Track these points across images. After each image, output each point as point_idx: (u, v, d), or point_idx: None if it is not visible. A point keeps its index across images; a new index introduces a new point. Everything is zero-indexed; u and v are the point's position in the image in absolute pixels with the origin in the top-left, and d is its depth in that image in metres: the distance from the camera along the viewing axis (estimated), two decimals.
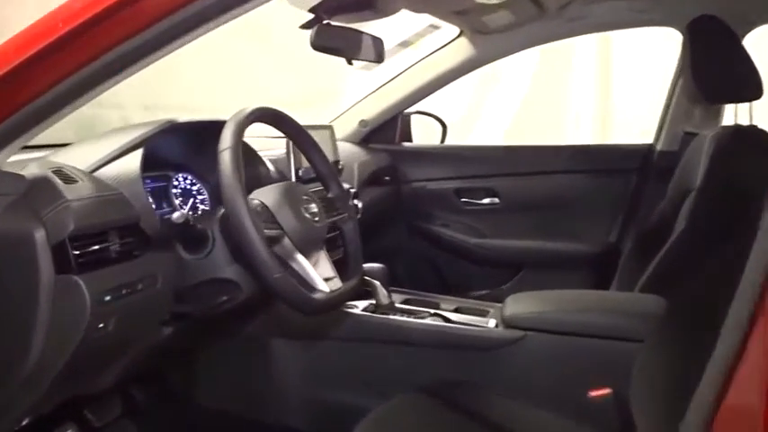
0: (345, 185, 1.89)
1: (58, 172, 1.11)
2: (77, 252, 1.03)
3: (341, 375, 1.65)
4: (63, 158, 1.19)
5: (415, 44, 2.72)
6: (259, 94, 3.05)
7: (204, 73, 3.04)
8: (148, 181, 1.43)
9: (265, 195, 1.25)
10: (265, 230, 1.17)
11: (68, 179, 1.10)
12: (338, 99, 2.68)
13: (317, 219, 1.30)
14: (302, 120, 1.45)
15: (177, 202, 1.47)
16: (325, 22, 1.54)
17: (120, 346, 1.17)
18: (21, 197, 1.03)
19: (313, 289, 1.24)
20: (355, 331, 1.64)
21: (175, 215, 1.12)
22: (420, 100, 2.48)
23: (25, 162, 1.17)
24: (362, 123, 2.50)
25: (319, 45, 1.52)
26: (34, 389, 1.05)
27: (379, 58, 1.76)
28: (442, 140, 2.74)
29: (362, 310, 1.69)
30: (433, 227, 2.53)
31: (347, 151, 2.28)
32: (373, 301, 1.70)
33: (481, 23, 2.05)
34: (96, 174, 1.16)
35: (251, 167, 1.54)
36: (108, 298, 1.06)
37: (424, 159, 2.59)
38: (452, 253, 2.51)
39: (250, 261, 1.12)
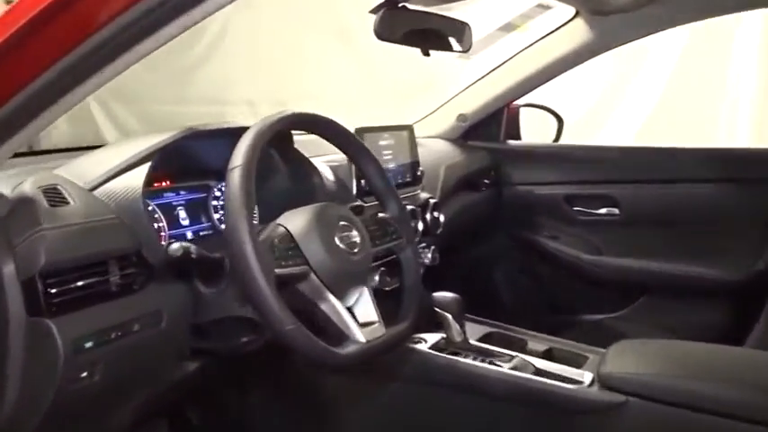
0: (424, 195, 1.65)
1: (51, 190, 0.96)
2: (55, 290, 0.87)
3: (399, 421, 1.41)
4: (71, 170, 1.04)
5: (522, 27, 2.37)
6: (373, 86, 2.85)
7: (331, 65, 2.88)
8: (183, 193, 1.26)
9: (292, 221, 1.04)
10: (286, 266, 0.96)
11: (57, 200, 0.94)
12: (438, 90, 2.41)
13: (355, 250, 1.06)
14: (400, 115, 1.22)
15: (216, 216, 1.30)
16: (400, 4, 1.30)
17: (120, 390, 1.01)
18: (2, 220, 0.89)
19: (344, 338, 1.01)
20: (419, 372, 1.40)
21: (173, 247, 0.93)
22: (529, 91, 2.15)
23: (33, 170, 1.04)
24: (461, 118, 2.22)
25: (384, 33, 1.27)
26: None
27: (464, 47, 1.48)
28: (557, 138, 2.39)
29: (430, 347, 1.43)
30: (539, 238, 2.20)
31: (438, 151, 2.02)
32: (444, 335, 1.44)
33: (599, 2, 1.69)
34: (97, 191, 1.00)
35: (299, 179, 1.33)
36: (89, 344, 0.90)
37: (532, 160, 2.26)
38: (560, 269, 2.17)
39: (255, 307, 0.91)
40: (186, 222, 1.25)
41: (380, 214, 1.22)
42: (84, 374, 0.91)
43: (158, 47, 0.78)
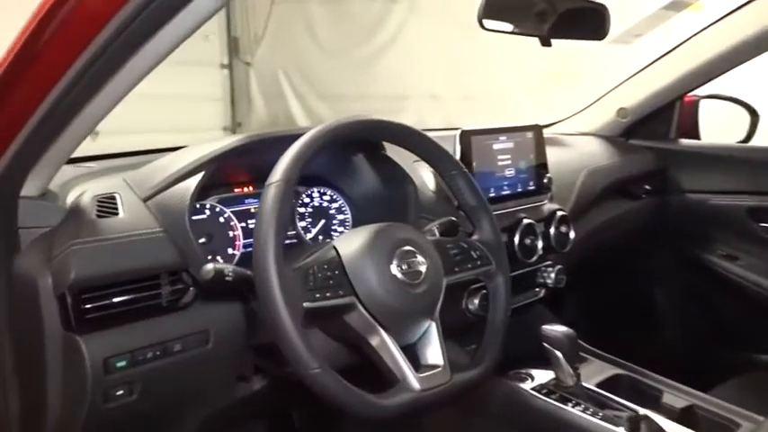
0: (551, 206, 1.43)
1: (106, 200, 0.95)
2: (89, 306, 0.85)
3: None
4: (137, 176, 1.02)
5: (696, 6, 1.97)
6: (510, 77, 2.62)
7: (515, 60, 2.72)
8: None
9: (345, 243, 0.91)
10: (327, 296, 0.84)
11: (107, 211, 0.92)
12: (589, 80, 2.11)
13: (417, 280, 0.91)
14: (540, 110, 1.05)
15: (302, 225, 1.22)
16: None
17: (167, 409, 0.98)
18: (50, 231, 0.89)
19: (394, 383, 0.87)
20: (514, 413, 1.21)
21: (205, 268, 0.86)
22: (706, 81, 1.79)
23: (107, 173, 1.04)
24: (622, 113, 1.92)
25: (490, 20, 1.09)
26: None
27: (599, 35, 1.23)
28: (749, 137, 1.97)
29: (535, 388, 1.23)
30: (712, 258, 1.84)
31: (587, 152, 1.76)
32: (554, 374, 1.23)
33: None
34: (150, 202, 0.97)
35: (391, 188, 1.20)
36: (122, 363, 0.87)
37: (711, 163, 1.89)
38: (739, 297, 1.79)
39: (278, 343, 0.81)
40: None
41: (473, 237, 1.05)
42: (121, 392, 0.88)
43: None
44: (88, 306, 0.85)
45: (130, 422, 0.94)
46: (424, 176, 1.29)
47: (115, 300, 0.87)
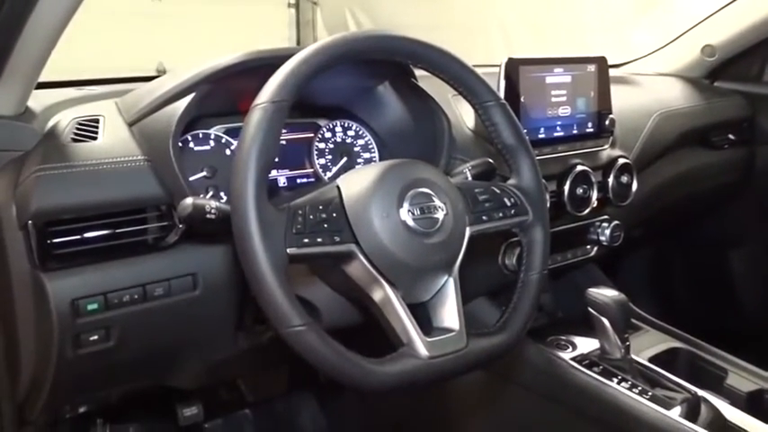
0: (612, 152, 1.25)
1: (87, 123, 0.84)
2: (57, 240, 0.76)
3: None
4: (128, 99, 0.91)
5: None
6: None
7: None
8: (283, 131, 1.07)
9: (350, 182, 0.78)
10: (318, 242, 0.71)
11: (85, 135, 0.82)
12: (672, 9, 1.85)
13: (432, 228, 0.77)
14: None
15: (321, 162, 1.09)
16: None
17: (154, 357, 0.88)
18: (23, 156, 0.80)
19: (398, 348, 0.74)
20: (552, 387, 1.06)
21: (184, 203, 0.74)
22: None
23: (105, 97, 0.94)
24: (708, 51, 1.67)
25: None
26: (35, 404, 0.85)
27: None
28: None
29: (575, 358, 1.08)
30: None
31: (662, 94, 1.53)
32: (598, 344, 1.07)
33: None
34: (136, 126, 0.85)
35: (421, 122, 1.05)
36: (93, 306, 0.77)
37: None
38: None
39: (255, 295, 0.69)
40: (282, 166, 1.06)
41: (509, 181, 0.89)
42: (95, 338, 0.79)
43: None
44: (56, 240, 0.75)
45: (114, 371, 0.85)
46: (462, 112, 1.13)
47: (88, 235, 0.77)
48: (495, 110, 0.87)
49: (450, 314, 0.79)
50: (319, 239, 0.71)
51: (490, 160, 0.98)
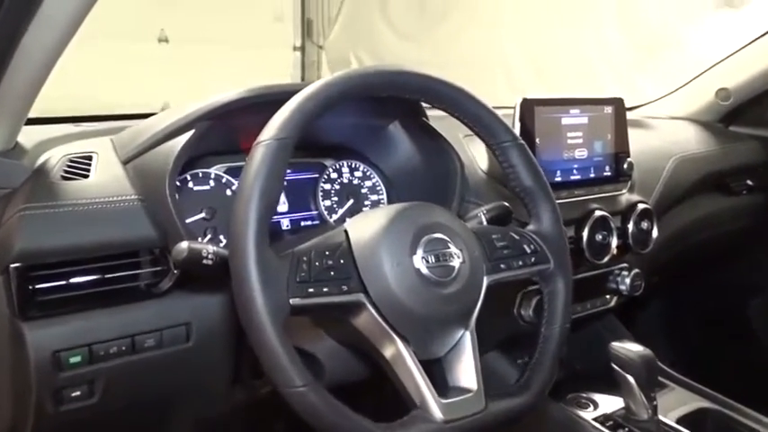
0: (631, 197, 1.19)
1: (79, 160, 0.79)
2: (40, 286, 0.69)
3: None
4: (123, 137, 0.86)
5: None
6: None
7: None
8: (287, 172, 1.02)
9: (358, 226, 0.72)
10: (324, 292, 0.65)
11: (76, 173, 0.77)
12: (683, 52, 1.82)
13: (448, 278, 0.70)
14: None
15: (326, 204, 1.03)
16: None
17: (141, 414, 0.81)
18: (9, 194, 0.74)
19: (411, 409, 0.67)
20: None
21: (179, 247, 0.68)
22: None
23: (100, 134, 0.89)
24: (722, 94, 1.62)
25: None
26: None
27: None
28: None
29: (598, 418, 1.00)
30: None
31: (679, 138, 1.48)
32: (623, 403, 1.00)
33: None
34: (131, 164, 0.80)
35: (432, 163, 1.00)
36: (76, 359, 0.71)
37: None
38: None
39: (254, 350, 0.62)
40: (285, 208, 1.01)
41: (529, 227, 0.83)
42: (77, 393, 0.72)
43: None
44: (39, 287, 0.69)
45: (97, 427, 0.78)
46: (475, 153, 1.08)
47: (74, 280, 0.71)
48: (512, 150, 0.82)
49: (467, 372, 0.72)
50: (325, 289, 0.65)
51: (506, 204, 0.92)
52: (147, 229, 0.75)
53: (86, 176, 0.77)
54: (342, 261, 0.68)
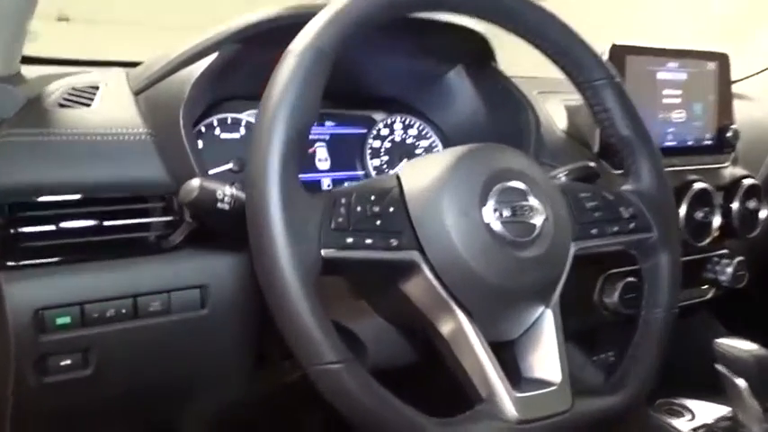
0: (735, 171, 1.00)
1: (83, 90, 0.67)
2: (24, 230, 0.57)
3: None
4: (141, 68, 0.74)
5: None
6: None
7: None
8: (328, 124, 0.88)
9: (415, 170, 0.57)
10: (366, 245, 0.50)
11: (77, 101, 0.64)
12: None
13: (525, 238, 0.55)
14: None
15: (374, 164, 0.88)
16: None
17: (147, 398, 0.68)
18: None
19: (475, 403, 0.52)
20: None
21: (188, 185, 0.54)
22: None
23: None
24: None
25: None
26: None
27: None
28: None
29: (696, 429, 0.82)
30: None
31: None
32: (731, 412, 0.82)
33: None
34: (144, 95, 0.67)
35: (502, 117, 0.84)
36: (64, 320, 0.58)
37: None
38: None
39: (273, 315, 0.48)
40: (326, 166, 0.87)
41: (625, 186, 0.67)
42: (67, 362, 0.59)
43: None
44: (23, 230, 0.57)
45: (93, 410, 0.65)
46: (553, 110, 0.92)
47: (66, 225, 0.59)
48: (607, 90, 0.66)
49: (547, 360, 0.56)
50: (368, 240, 0.50)
51: (591, 164, 0.76)
52: (156, 169, 0.62)
53: (88, 105, 0.64)
54: (391, 209, 0.53)
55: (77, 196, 0.59)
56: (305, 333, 0.46)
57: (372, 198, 0.52)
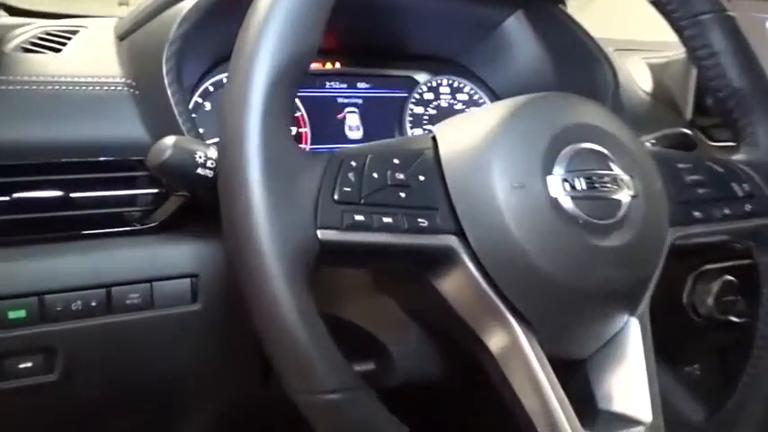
0: None
1: (59, 33, 0.55)
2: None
3: None
4: (132, 11, 0.62)
5: None
6: None
7: None
8: (362, 86, 0.75)
9: (459, 127, 0.43)
10: (398, 224, 0.37)
11: (49, 46, 0.53)
12: None
13: (607, 220, 0.40)
14: None
15: (414, 134, 0.75)
16: None
17: (126, 400, 0.57)
18: None
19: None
20: None
21: (160, 144, 0.41)
22: None
23: None
24: None
25: None
26: None
27: None
28: None
29: None
30: None
31: None
32: None
33: None
34: (127, 40, 0.55)
35: (564, 72, 0.69)
36: (19, 314, 0.47)
37: None
38: None
39: (251, 317, 0.35)
40: (357, 135, 0.74)
41: (737, 155, 0.51)
42: (28, 365, 0.48)
43: None
44: None
45: (65, 421, 0.54)
46: (633, 68, 0.75)
47: (23, 196, 0.47)
48: (716, 27, 0.50)
49: (632, 389, 0.42)
50: (387, 219, 0.37)
51: (685, 130, 0.60)
52: (135, 128, 0.50)
53: (58, 51, 0.53)
54: (421, 178, 0.39)
55: (36, 161, 0.47)
56: (289, 347, 0.33)
57: (396, 162, 0.39)
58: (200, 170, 0.41)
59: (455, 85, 0.77)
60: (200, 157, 0.41)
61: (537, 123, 0.41)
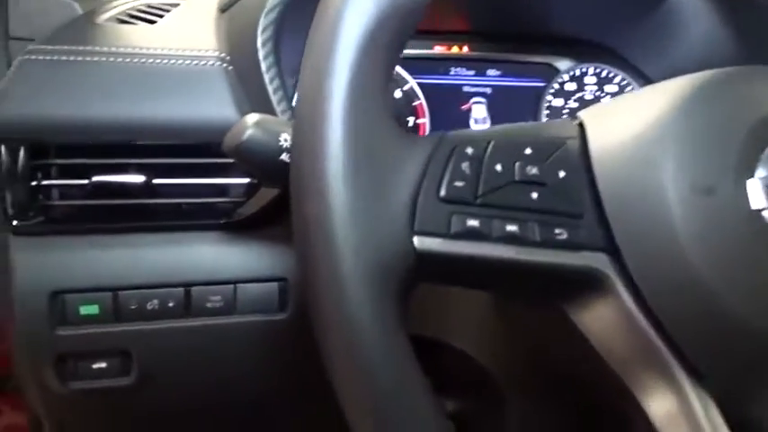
0: None
1: (159, 6, 0.51)
2: (46, 182, 0.42)
3: None
4: None
5: None
6: None
7: None
8: (492, 73, 0.65)
9: (616, 112, 0.32)
10: (532, 239, 0.27)
11: (145, 17, 0.49)
12: None
13: None
14: None
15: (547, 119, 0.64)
16: None
17: (227, 409, 0.51)
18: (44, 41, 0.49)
19: None
20: None
21: (240, 123, 0.35)
22: None
23: None
24: None
25: None
26: None
27: None
28: None
29: None
30: None
31: None
32: None
33: None
34: (228, 12, 0.50)
35: (743, 54, 0.55)
36: (91, 309, 0.42)
37: None
38: None
39: (315, 334, 0.27)
40: (484, 127, 0.64)
41: None
42: (102, 365, 0.44)
43: None
44: (44, 183, 0.42)
45: (145, 425, 0.50)
46: None
47: (101, 179, 0.43)
48: None
49: None
50: (511, 227, 0.27)
51: None
52: (226, 107, 0.44)
53: (153, 22, 0.48)
54: (561, 174, 0.29)
55: (118, 140, 0.43)
56: (370, 394, 0.24)
57: (528, 152, 0.29)
58: (284, 156, 0.34)
59: (603, 74, 0.65)
60: (284, 140, 0.34)
61: (730, 107, 0.30)
